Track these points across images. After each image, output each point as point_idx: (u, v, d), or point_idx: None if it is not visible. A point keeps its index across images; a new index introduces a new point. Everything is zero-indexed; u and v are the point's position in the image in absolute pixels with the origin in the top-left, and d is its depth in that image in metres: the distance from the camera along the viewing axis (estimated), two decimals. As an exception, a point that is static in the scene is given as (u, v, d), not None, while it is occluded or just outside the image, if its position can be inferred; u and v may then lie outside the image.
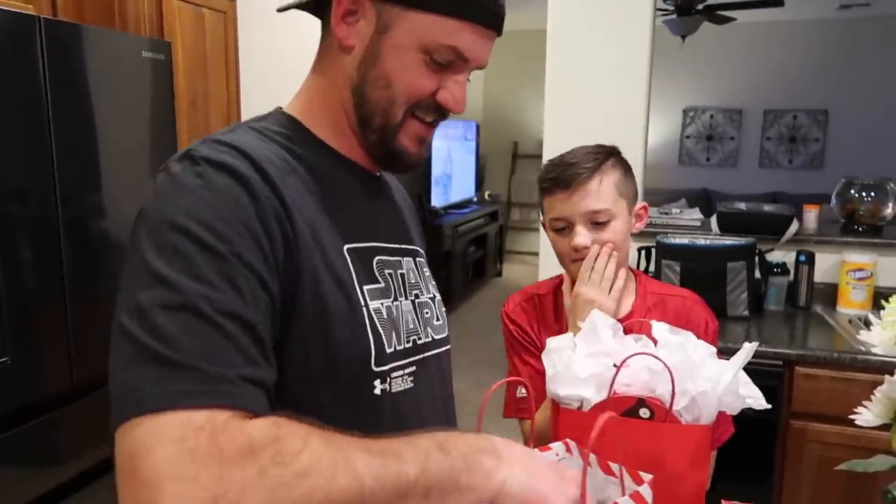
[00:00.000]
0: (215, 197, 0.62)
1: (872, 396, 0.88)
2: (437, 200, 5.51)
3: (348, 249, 0.74)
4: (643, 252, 2.49)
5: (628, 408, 0.84)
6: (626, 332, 0.93)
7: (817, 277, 2.43)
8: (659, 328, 0.91)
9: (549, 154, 2.58)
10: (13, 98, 1.65)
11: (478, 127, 6.70)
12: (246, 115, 2.64)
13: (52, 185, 1.74)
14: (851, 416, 0.90)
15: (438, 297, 0.92)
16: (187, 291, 0.57)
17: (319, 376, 0.69)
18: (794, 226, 2.47)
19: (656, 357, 0.82)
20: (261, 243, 0.63)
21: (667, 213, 2.70)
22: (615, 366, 0.84)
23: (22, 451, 1.71)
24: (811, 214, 2.59)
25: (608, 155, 1.20)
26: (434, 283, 0.94)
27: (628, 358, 0.83)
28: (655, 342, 0.90)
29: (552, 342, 0.92)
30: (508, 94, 7.54)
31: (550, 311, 1.32)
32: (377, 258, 0.78)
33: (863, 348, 1.94)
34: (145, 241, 0.60)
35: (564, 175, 1.17)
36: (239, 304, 0.59)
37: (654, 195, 4.93)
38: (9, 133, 1.64)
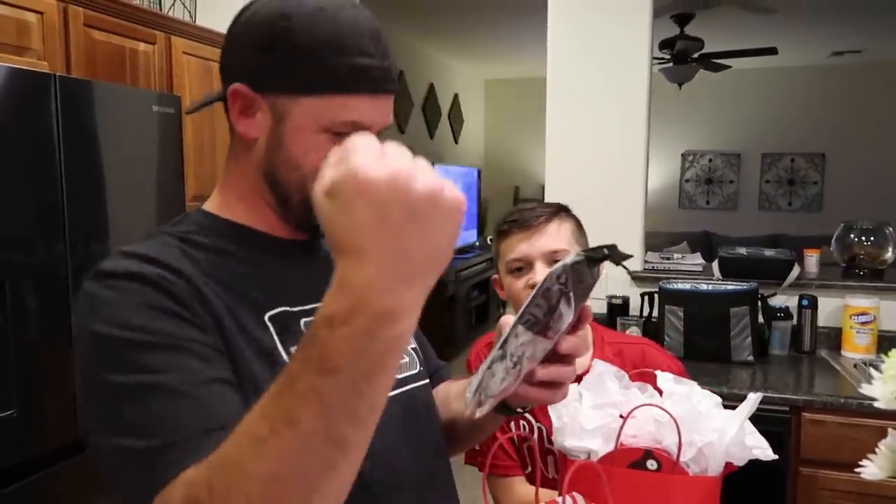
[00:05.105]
0: (131, 300, 0.65)
1: (877, 449, 0.87)
2: (439, 245, 5.52)
3: (270, 317, 0.74)
4: (646, 297, 2.49)
5: (635, 460, 0.84)
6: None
7: (821, 321, 2.43)
8: (664, 378, 0.92)
9: (551, 199, 2.61)
10: (28, 151, 1.68)
11: (479, 172, 6.76)
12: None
13: (61, 234, 1.76)
14: (857, 469, 0.90)
15: None
16: (147, 389, 0.60)
17: None
18: (796, 270, 2.48)
19: (662, 408, 0.83)
20: (190, 320, 0.65)
21: (668, 259, 2.71)
22: (622, 416, 0.85)
23: (24, 504, 1.69)
24: (812, 259, 2.61)
25: (563, 207, 1.28)
26: None
27: (635, 409, 0.83)
28: (661, 392, 0.90)
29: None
30: (509, 139, 7.64)
31: None
32: (304, 320, 0.76)
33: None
34: (93, 365, 0.65)
35: (525, 217, 1.23)
36: (191, 375, 0.62)
37: (655, 238, 4.95)
38: (21, 184, 1.67)
